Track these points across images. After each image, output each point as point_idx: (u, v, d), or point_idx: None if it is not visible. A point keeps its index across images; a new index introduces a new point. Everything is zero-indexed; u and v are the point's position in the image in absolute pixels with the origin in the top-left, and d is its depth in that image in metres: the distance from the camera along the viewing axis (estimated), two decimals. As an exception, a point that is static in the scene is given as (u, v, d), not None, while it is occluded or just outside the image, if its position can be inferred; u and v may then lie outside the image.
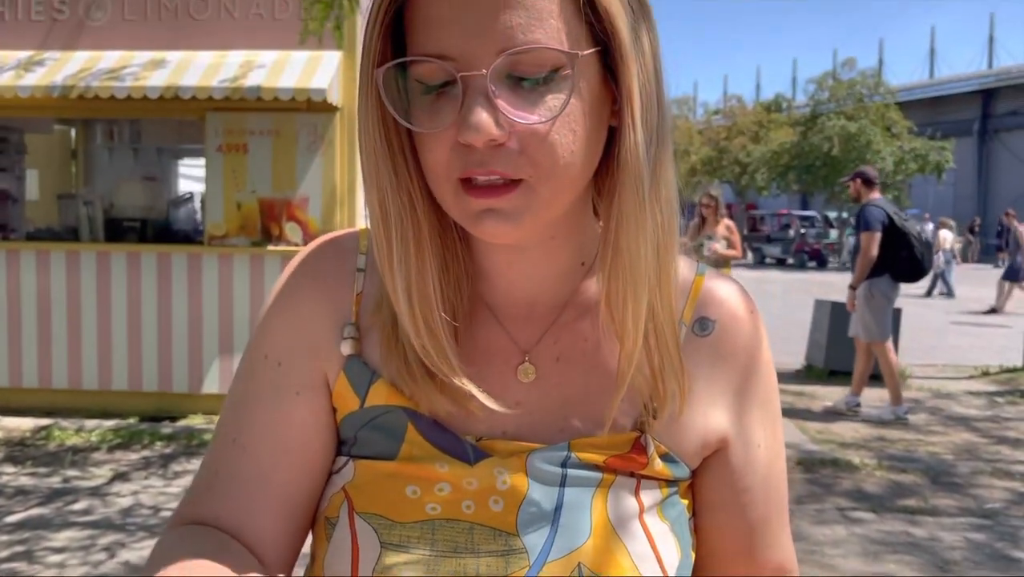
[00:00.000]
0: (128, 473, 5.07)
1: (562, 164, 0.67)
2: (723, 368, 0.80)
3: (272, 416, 0.77)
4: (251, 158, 6.23)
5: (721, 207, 7.91)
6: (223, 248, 6.28)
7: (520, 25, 0.64)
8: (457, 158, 0.66)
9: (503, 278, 0.78)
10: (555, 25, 0.65)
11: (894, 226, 6.48)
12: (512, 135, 0.65)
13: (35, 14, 6.45)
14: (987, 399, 7.79)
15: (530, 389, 0.77)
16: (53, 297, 6.41)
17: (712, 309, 0.81)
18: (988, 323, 13.97)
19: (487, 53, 0.64)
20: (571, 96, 0.66)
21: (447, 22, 0.65)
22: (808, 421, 6.67)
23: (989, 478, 5.31)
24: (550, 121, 0.65)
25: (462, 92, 0.65)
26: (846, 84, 32.09)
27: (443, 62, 0.65)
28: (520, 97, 0.66)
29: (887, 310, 6.70)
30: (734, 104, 40.32)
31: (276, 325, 0.80)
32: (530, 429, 0.76)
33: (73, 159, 8.80)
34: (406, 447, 0.74)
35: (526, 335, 0.79)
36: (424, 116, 0.68)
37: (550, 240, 0.76)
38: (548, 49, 0.64)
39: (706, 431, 0.78)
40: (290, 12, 6.11)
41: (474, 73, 0.64)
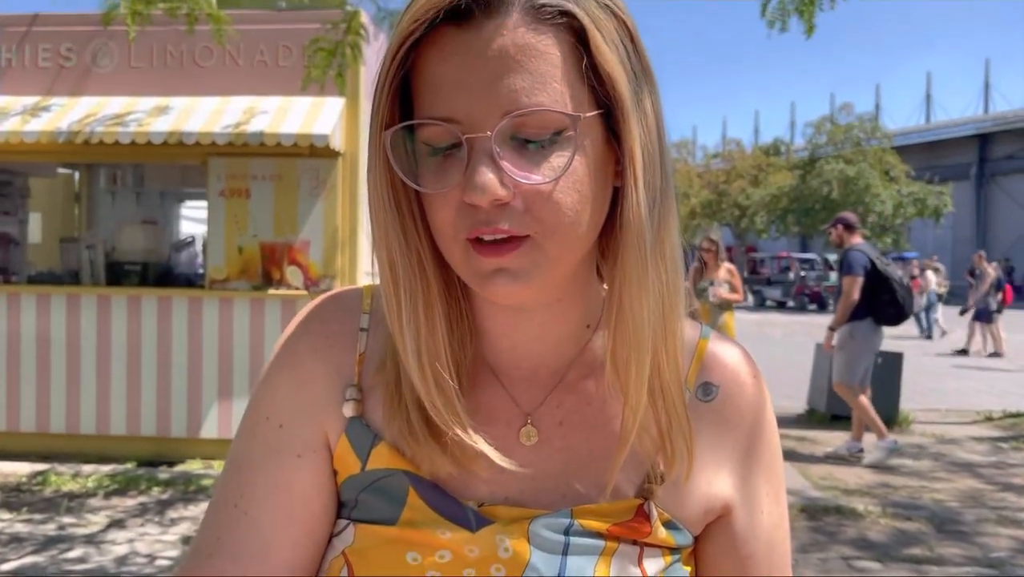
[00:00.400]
0: (124, 520, 5.02)
1: (567, 222, 0.68)
2: (727, 434, 0.80)
3: (273, 480, 0.76)
4: (253, 202, 6.26)
5: (722, 251, 7.94)
6: (224, 292, 6.28)
7: (524, 88, 0.65)
8: (463, 218, 0.67)
9: (507, 339, 0.78)
10: (558, 88, 0.66)
11: (876, 270, 6.57)
12: (517, 195, 0.66)
13: (42, 60, 6.54)
14: (991, 445, 7.73)
15: (533, 452, 0.76)
16: (53, 340, 6.40)
17: (716, 374, 0.81)
18: (990, 367, 13.93)
19: (492, 115, 0.65)
20: (574, 156, 0.67)
21: (453, 86, 0.66)
22: (811, 467, 6.61)
23: (995, 526, 5.25)
24: (554, 181, 0.66)
25: (467, 154, 0.66)
26: (844, 128, 32.43)
27: (449, 125, 0.66)
28: (525, 158, 0.66)
29: (864, 354, 6.75)
30: (733, 148, 40.74)
31: (278, 386, 0.79)
32: (533, 494, 0.75)
33: (76, 203, 8.85)
34: (407, 512, 0.73)
35: (529, 397, 0.78)
36: (431, 177, 0.69)
37: (556, 302, 0.76)
38: (551, 112, 0.65)
39: (709, 498, 0.78)
40: (293, 59, 6.19)
41: (479, 135, 0.65)
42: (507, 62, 0.65)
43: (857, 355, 6.70)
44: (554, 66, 0.66)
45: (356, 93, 6.28)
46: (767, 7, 4.21)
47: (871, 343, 6.76)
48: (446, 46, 0.67)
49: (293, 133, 5.78)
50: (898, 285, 6.56)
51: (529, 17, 0.66)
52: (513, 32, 0.65)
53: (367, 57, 5.78)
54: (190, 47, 6.35)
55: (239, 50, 6.31)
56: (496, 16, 0.66)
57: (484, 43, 0.65)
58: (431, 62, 0.68)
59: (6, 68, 6.56)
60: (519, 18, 0.66)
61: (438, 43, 0.67)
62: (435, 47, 0.67)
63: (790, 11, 4.19)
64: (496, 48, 0.65)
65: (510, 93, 0.65)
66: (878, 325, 6.70)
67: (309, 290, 6.21)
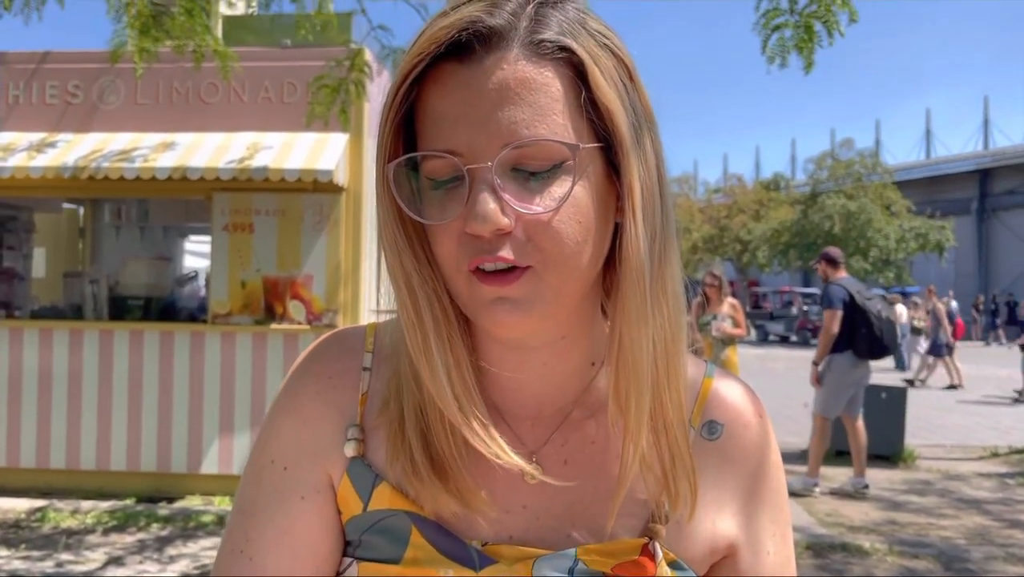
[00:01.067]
0: (123, 557, 4.97)
1: (567, 252, 0.68)
2: (731, 473, 0.80)
3: (278, 524, 0.76)
4: (256, 237, 6.29)
5: (725, 286, 7.94)
6: (226, 326, 6.28)
7: (524, 120, 0.66)
8: (465, 248, 0.68)
9: (512, 379, 0.78)
10: (558, 121, 0.67)
11: (855, 304, 6.62)
12: (518, 225, 0.67)
13: (49, 97, 6.61)
14: (998, 481, 7.66)
15: (537, 492, 0.76)
16: (55, 375, 6.39)
17: (720, 412, 0.81)
18: (995, 402, 13.84)
19: (492, 147, 0.66)
20: (574, 186, 0.67)
21: (454, 119, 0.67)
22: (816, 503, 6.55)
23: (1003, 564, 5.18)
24: (554, 211, 0.67)
25: (469, 184, 0.66)
26: (845, 164, 32.59)
27: (450, 157, 0.67)
28: (526, 190, 0.67)
29: (843, 387, 6.77)
30: (734, 183, 40.89)
31: (281, 428, 0.79)
32: (536, 534, 0.74)
33: (81, 237, 8.88)
34: (411, 551, 0.73)
35: (533, 436, 0.78)
36: (434, 210, 0.70)
37: (560, 340, 0.75)
38: (551, 142, 0.66)
39: (714, 537, 0.77)
40: (298, 96, 6.25)
41: (480, 166, 0.66)
42: (507, 95, 0.66)
43: (835, 387, 6.76)
44: (554, 99, 0.67)
45: (360, 129, 6.33)
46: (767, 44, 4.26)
47: (850, 376, 6.76)
48: (448, 81, 0.68)
49: (297, 168, 5.82)
50: (876, 318, 6.59)
51: (529, 52, 0.67)
52: (513, 66, 0.67)
53: (371, 94, 5.83)
54: (196, 84, 6.42)
55: (244, 87, 6.38)
56: (496, 51, 0.67)
57: (484, 77, 0.67)
58: (433, 97, 0.69)
59: (14, 105, 6.63)
60: (519, 52, 0.67)
61: (440, 78, 0.68)
62: (437, 82, 0.68)
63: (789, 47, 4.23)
64: (496, 81, 0.66)
65: (510, 125, 0.66)
66: (859, 358, 6.71)
67: (312, 324, 6.21)
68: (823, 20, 3.82)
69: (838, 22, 3.81)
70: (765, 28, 4.04)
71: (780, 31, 4.04)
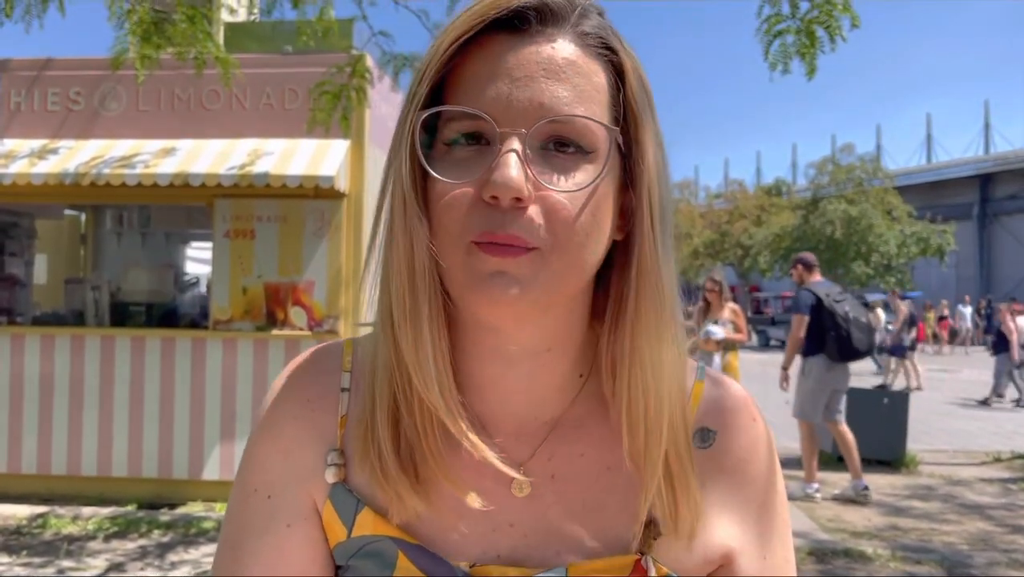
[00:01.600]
0: (124, 564, 4.96)
1: (577, 241, 0.67)
2: (725, 481, 0.77)
3: (268, 555, 0.74)
4: (258, 243, 6.29)
5: (726, 291, 7.93)
6: (227, 333, 6.28)
7: (565, 98, 0.66)
8: (476, 217, 0.66)
9: (496, 390, 0.75)
10: (596, 111, 0.68)
11: (823, 307, 6.64)
12: (536, 202, 0.66)
13: (51, 104, 6.62)
14: (1001, 486, 7.64)
15: (525, 507, 0.74)
16: (56, 382, 6.39)
17: (712, 418, 0.79)
18: (997, 407, 13.82)
19: (529, 116, 0.66)
20: (602, 174, 0.68)
21: (494, 82, 0.67)
22: (817, 508, 6.53)
23: (1006, 569, 5.16)
24: (575, 193, 0.66)
25: (498, 148, 0.65)
26: (845, 169, 32.58)
27: (485, 118, 0.66)
28: (552, 167, 0.67)
29: (819, 390, 6.77)
30: (735, 188, 40.91)
31: (263, 455, 0.78)
32: (525, 552, 0.73)
33: (82, 244, 8.90)
34: (398, 572, 0.72)
35: (518, 450, 0.75)
36: (451, 172, 0.67)
37: (546, 352, 0.74)
38: (591, 120, 0.67)
39: (708, 548, 0.75)
40: (299, 102, 6.26)
41: (513, 131, 0.65)
42: (554, 70, 0.67)
43: (811, 391, 6.78)
44: (595, 89, 0.69)
45: (361, 135, 6.33)
46: (769, 50, 4.26)
47: (825, 379, 6.76)
48: (494, 45, 0.68)
49: (298, 175, 5.82)
50: (842, 320, 6.58)
51: (579, 39, 0.69)
52: (564, 46, 0.68)
53: (372, 100, 5.84)
54: (197, 90, 6.43)
55: (245, 93, 6.39)
56: (551, 27, 0.68)
57: (535, 48, 0.68)
58: (474, 59, 0.69)
59: (15, 111, 6.64)
60: (571, 36, 0.69)
61: (485, 43, 0.69)
62: (481, 46, 0.69)
63: (792, 53, 4.23)
64: (545, 55, 0.67)
65: (552, 99, 0.66)
66: (832, 361, 6.70)
67: (313, 330, 6.21)
68: (825, 25, 3.82)
69: (840, 27, 3.81)
70: (767, 34, 4.04)
71: (782, 37, 4.04)
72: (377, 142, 6.68)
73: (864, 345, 6.67)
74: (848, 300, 6.81)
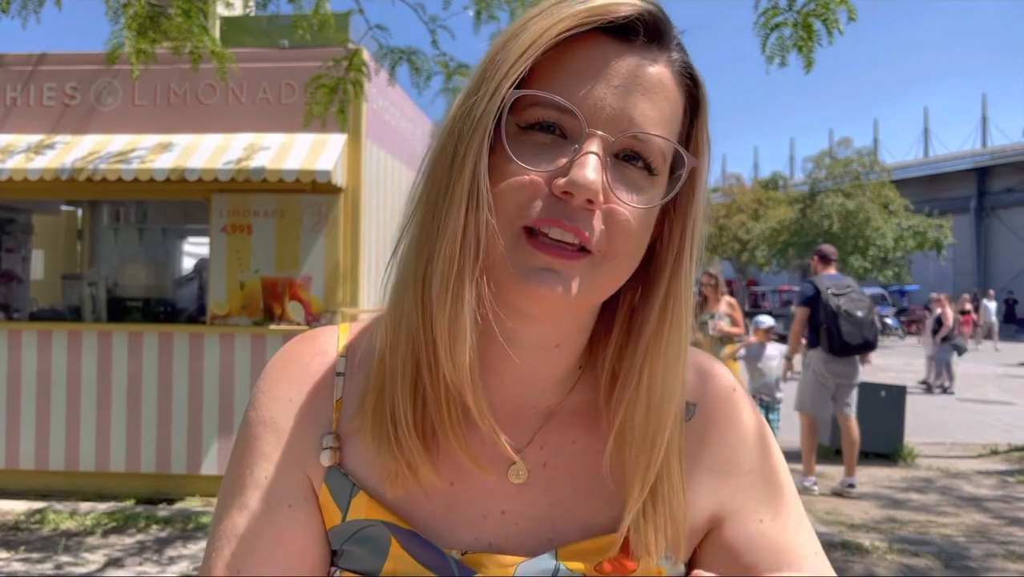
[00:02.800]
0: (122, 559, 4.96)
1: (626, 254, 0.69)
2: (705, 450, 0.79)
3: (269, 535, 0.74)
4: (255, 238, 6.28)
5: (722, 284, 7.95)
6: (225, 328, 6.27)
7: (651, 118, 0.68)
8: (541, 205, 0.66)
9: (497, 375, 0.75)
10: (671, 132, 0.70)
11: (821, 300, 6.68)
12: (603, 207, 0.67)
13: (47, 99, 6.60)
14: (998, 478, 7.65)
15: (517, 495, 0.75)
16: (53, 377, 6.38)
17: (693, 392, 0.81)
18: (993, 400, 13.85)
19: (618, 124, 0.67)
20: (666, 198, 0.71)
21: (591, 81, 0.68)
22: (816, 501, 6.55)
23: (1003, 561, 5.18)
24: (636, 209, 0.68)
25: (578, 146, 0.66)
26: (843, 162, 32.55)
27: (575, 112, 0.66)
28: (621, 179, 0.68)
29: (818, 383, 6.82)
30: (733, 182, 40.87)
31: (260, 438, 0.77)
32: (516, 540, 0.73)
33: (79, 239, 8.88)
34: (390, 563, 0.72)
35: (515, 436, 0.76)
36: (520, 152, 0.67)
37: (555, 348, 0.75)
38: (676, 145, 0.70)
39: (693, 518, 0.77)
40: (296, 97, 6.24)
41: (602, 134, 0.66)
42: (649, 87, 0.69)
43: (811, 383, 6.86)
44: (675, 114, 0.71)
45: (358, 129, 6.32)
46: (766, 43, 4.25)
47: (826, 372, 6.79)
48: (599, 46, 0.69)
49: (295, 169, 5.81)
50: (833, 314, 6.60)
51: (673, 64, 0.71)
52: (661, 67, 0.70)
53: (369, 94, 5.82)
54: (193, 85, 6.41)
55: (242, 88, 6.38)
56: (655, 45, 0.70)
57: (638, 61, 0.69)
58: (575, 55, 0.68)
59: (11, 107, 6.62)
60: (667, 59, 0.71)
61: (588, 41, 0.69)
62: (584, 43, 0.69)
63: (789, 47, 4.22)
64: (644, 72, 0.69)
65: (642, 115, 0.68)
66: (831, 354, 6.72)
67: (311, 325, 6.20)
68: (822, 18, 3.81)
69: (837, 20, 3.80)
70: (764, 27, 4.03)
71: (779, 30, 4.03)
72: (374, 136, 6.67)
73: (856, 339, 6.63)
74: (850, 295, 6.76)
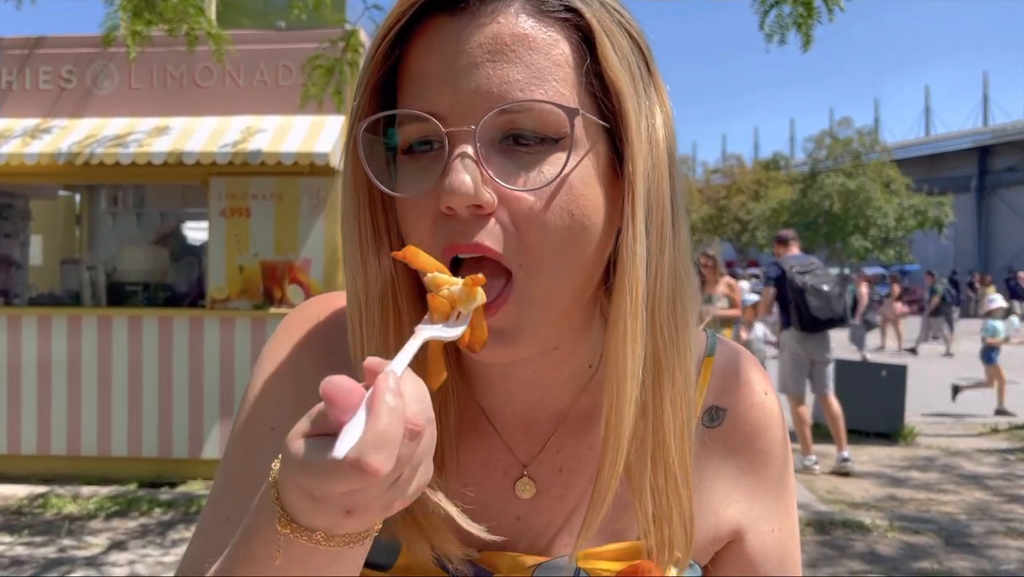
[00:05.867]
0: (125, 542, 4.98)
1: (555, 249, 0.59)
2: (734, 461, 0.74)
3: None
4: (254, 221, 6.26)
5: (720, 265, 7.95)
6: (225, 311, 6.27)
7: (518, 82, 0.58)
8: (440, 232, 0.59)
9: (501, 387, 0.72)
10: (557, 88, 0.59)
11: (787, 280, 6.77)
12: (502, 207, 0.59)
13: (43, 83, 6.56)
14: (998, 456, 7.67)
15: (531, 504, 0.71)
16: (54, 362, 6.38)
17: (722, 397, 0.75)
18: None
19: (478, 109, 0.58)
20: (568, 163, 0.58)
21: (438, 77, 0.59)
22: (816, 480, 6.57)
23: (1004, 538, 5.19)
24: (542, 190, 0.58)
25: (447, 151, 0.58)
26: (843, 142, 32.45)
27: (430, 120, 0.59)
28: (515, 166, 0.59)
29: (792, 362, 6.90)
30: (733, 163, 40.79)
31: (281, 396, 0.72)
32: (533, 543, 0.70)
33: (77, 224, 8.86)
34: (403, 558, 0.69)
35: (526, 444, 0.72)
36: (407, 183, 0.61)
37: (552, 351, 0.68)
38: (546, 104, 0.58)
39: (718, 527, 0.73)
40: (293, 79, 6.20)
41: (461, 129, 0.58)
42: (502, 52, 0.59)
43: (788, 362, 6.94)
44: (555, 64, 0.59)
45: (356, 111, 6.28)
46: (765, 20, 4.21)
47: (799, 350, 6.87)
48: (435, 35, 0.61)
49: (293, 152, 5.78)
50: (799, 290, 6.67)
51: (532, 7, 0.60)
52: (512, 20, 0.59)
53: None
54: (190, 68, 6.37)
55: (239, 70, 6.33)
56: (494, 1, 0.60)
57: (477, 29, 0.59)
58: (418, 53, 0.61)
59: (7, 91, 6.58)
60: (520, 6, 0.60)
61: (428, 33, 0.61)
62: (423, 37, 0.61)
63: (788, 24, 4.19)
64: (490, 36, 0.59)
65: (502, 85, 0.58)
66: (803, 332, 6.79)
67: (310, 308, 6.18)
68: (822, -5, 3.78)
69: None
70: (763, 4, 4.00)
71: (779, 7, 4.00)
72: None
73: (824, 313, 6.70)
74: (815, 272, 6.86)
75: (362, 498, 0.47)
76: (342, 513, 0.48)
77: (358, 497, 0.47)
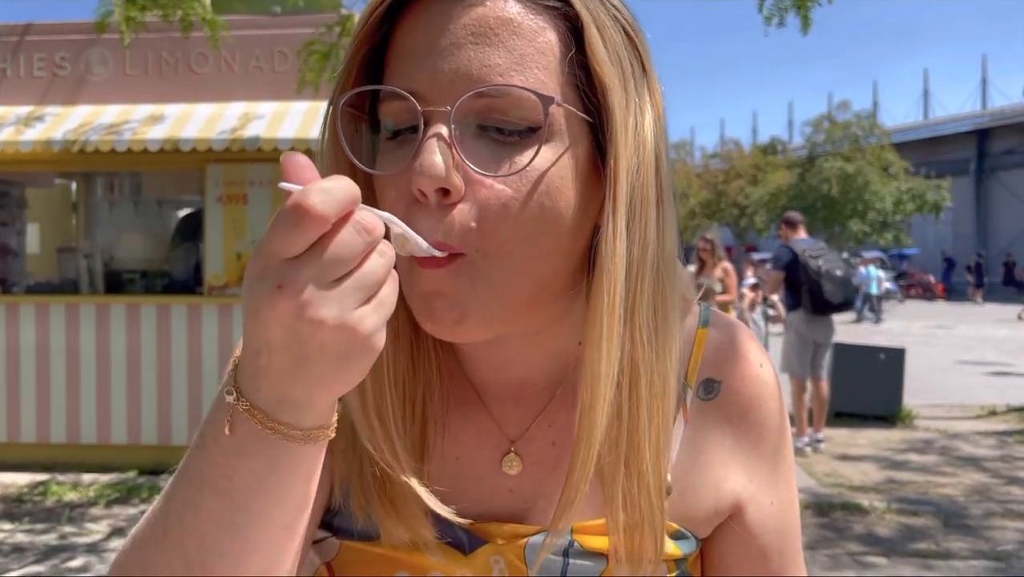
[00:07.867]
0: (125, 529, 4.99)
1: (519, 239, 0.58)
2: (731, 432, 0.74)
3: None
4: (251, 208, 6.24)
5: (718, 250, 7.96)
6: (223, 298, 6.26)
7: (499, 66, 0.58)
8: (411, 218, 0.58)
9: (490, 361, 0.71)
10: (539, 76, 0.58)
11: (798, 262, 6.77)
12: (471, 195, 0.58)
13: (37, 70, 6.52)
14: (997, 439, 7.69)
15: (524, 475, 0.71)
16: (52, 350, 6.38)
17: (717, 368, 0.74)
18: (992, 361, 13.89)
19: (455, 91, 0.57)
20: (539, 153, 0.58)
21: (421, 55, 0.59)
22: (815, 463, 6.59)
23: (1001, 520, 5.22)
24: (509, 178, 0.57)
25: (422, 131, 0.58)
26: (842, 126, 32.36)
27: (409, 98, 0.58)
28: (489, 151, 0.58)
29: (797, 344, 6.92)
30: (731, 148, 40.68)
31: None
32: (526, 515, 0.70)
33: (74, 212, 8.83)
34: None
35: (515, 420, 0.72)
36: (384, 163, 0.61)
37: (535, 334, 0.68)
38: (522, 90, 0.57)
39: (718, 499, 0.72)
40: (289, 64, 6.17)
41: (437, 109, 0.57)
42: (485, 34, 0.58)
43: (793, 345, 6.95)
44: (539, 51, 0.59)
45: (352, 97, 6.26)
46: (764, 3, 4.19)
47: (806, 333, 6.89)
48: (424, 13, 0.60)
49: (290, 138, 5.76)
50: (815, 274, 6.67)
51: None
52: (500, 4, 0.59)
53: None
54: (185, 54, 6.33)
55: (235, 56, 6.30)
56: None
57: (463, 10, 0.59)
58: (405, 31, 0.61)
59: (0, 78, 6.54)
60: None
61: (416, 11, 0.61)
62: (412, 14, 0.61)
63: (787, 7, 4.16)
64: (475, 17, 0.58)
65: (481, 68, 0.57)
66: (811, 314, 6.81)
67: (308, 295, 6.18)
68: (820, -24, 3.76)
69: (836, -23, 3.74)
70: (761, -15, 3.97)
71: (777, -12, 3.98)
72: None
73: (837, 297, 6.74)
74: (826, 256, 6.89)
75: (298, 270, 0.46)
76: (274, 287, 0.47)
77: (295, 270, 0.47)
